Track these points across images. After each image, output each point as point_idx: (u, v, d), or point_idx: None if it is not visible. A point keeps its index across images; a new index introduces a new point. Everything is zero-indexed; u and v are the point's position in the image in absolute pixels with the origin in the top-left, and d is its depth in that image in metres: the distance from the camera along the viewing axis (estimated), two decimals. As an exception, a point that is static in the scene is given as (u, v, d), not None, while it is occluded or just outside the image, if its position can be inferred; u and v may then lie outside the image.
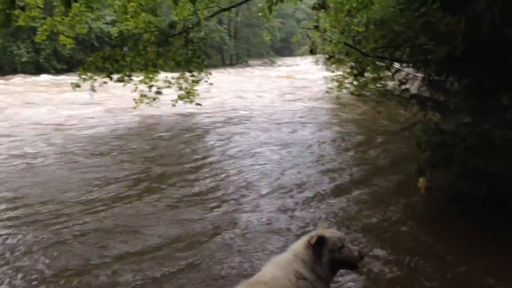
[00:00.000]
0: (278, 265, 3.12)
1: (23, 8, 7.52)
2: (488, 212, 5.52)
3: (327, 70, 11.69)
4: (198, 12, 11.10)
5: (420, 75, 6.36)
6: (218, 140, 11.23)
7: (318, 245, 3.02)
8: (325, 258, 3.03)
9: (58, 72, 38.56)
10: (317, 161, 8.99)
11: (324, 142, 10.64)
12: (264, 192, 7.15)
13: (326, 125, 13.03)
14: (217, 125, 13.49)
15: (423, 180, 6.37)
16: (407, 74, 6.27)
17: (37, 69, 38.87)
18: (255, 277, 3.15)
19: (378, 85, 17.59)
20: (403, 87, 6.28)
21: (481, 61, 4.85)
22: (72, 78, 12.65)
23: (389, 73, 11.04)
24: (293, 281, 3.00)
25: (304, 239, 3.14)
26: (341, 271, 3.39)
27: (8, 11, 7.13)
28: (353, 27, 12.11)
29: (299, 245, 3.16)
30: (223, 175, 8.13)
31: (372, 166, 8.44)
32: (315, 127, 12.63)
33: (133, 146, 10.67)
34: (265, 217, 6.05)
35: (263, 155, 9.54)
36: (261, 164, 8.81)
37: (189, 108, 14.89)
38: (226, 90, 23.00)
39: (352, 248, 3.10)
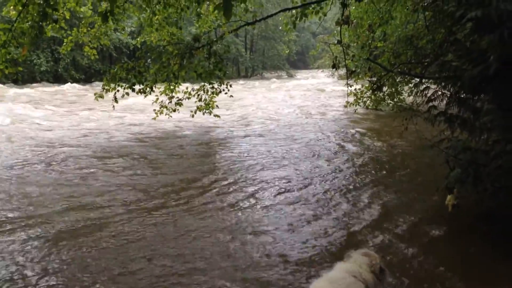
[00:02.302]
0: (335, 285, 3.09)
1: (56, 21, 7.67)
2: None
3: (346, 84, 11.70)
4: (221, 25, 11.27)
5: (447, 92, 6.33)
6: (243, 152, 11.27)
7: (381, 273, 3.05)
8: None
9: (76, 81, 39.18)
10: (340, 175, 8.97)
11: (346, 157, 10.63)
12: (285, 204, 7.17)
13: (350, 139, 13.02)
14: (238, 136, 13.55)
15: (451, 198, 6.35)
16: (435, 91, 6.23)
17: (55, 78, 39.52)
18: None
19: (396, 100, 17.67)
20: (430, 103, 6.24)
21: (514, 80, 4.84)
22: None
23: (412, 89, 11.04)
24: None
25: (361, 261, 3.14)
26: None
27: (40, 23, 7.30)
28: (371, 41, 12.20)
29: (357, 267, 3.15)
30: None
31: (398, 182, 8.42)
32: (338, 141, 12.64)
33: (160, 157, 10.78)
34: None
35: (286, 166, 9.57)
36: (284, 175, 8.84)
37: (208, 119, 15.07)
38: (246, 102, 23.26)
39: None
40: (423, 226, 6.15)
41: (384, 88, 15.81)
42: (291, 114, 18.78)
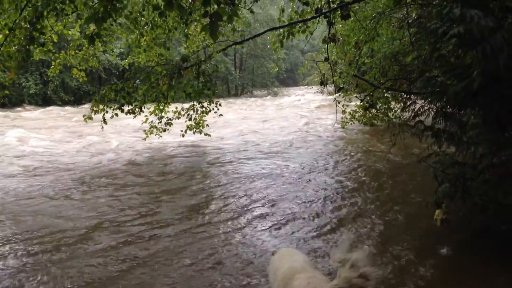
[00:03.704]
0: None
1: (43, 44, 7.67)
2: (508, 246, 5.48)
3: (334, 100, 11.79)
4: (210, 45, 11.37)
5: (433, 107, 6.39)
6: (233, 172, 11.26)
7: None
8: None
9: (65, 103, 39.12)
10: (328, 191, 8.98)
11: (336, 173, 10.66)
12: (273, 223, 7.16)
13: (339, 155, 13.07)
14: (230, 156, 13.54)
15: (440, 213, 6.36)
16: (422, 106, 6.29)
17: (44, 101, 39.37)
18: None
19: (389, 116, 17.83)
20: (417, 118, 6.29)
21: (498, 94, 4.90)
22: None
23: (399, 104, 11.14)
24: None
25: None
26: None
27: (27, 47, 7.30)
28: (358, 58, 12.35)
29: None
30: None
31: (387, 198, 8.42)
32: (327, 158, 12.67)
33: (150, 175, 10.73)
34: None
35: (276, 186, 9.57)
36: (273, 195, 8.84)
37: (199, 138, 15.08)
38: (236, 120, 23.37)
39: None
40: (414, 241, 6.14)
41: (378, 105, 15.95)
42: (282, 132, 18.81)
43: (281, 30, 10.24)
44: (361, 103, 12.90)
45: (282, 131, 19.34)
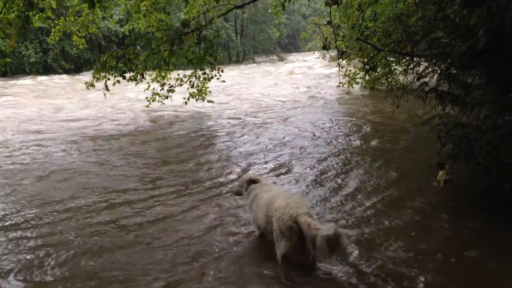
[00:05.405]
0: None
1: (42, 10, 7.57)
2: (509, 204, 5.53)
3: (338, 65, 11.67)
4: (210, 10, 11.19)
5: (437, 68, 6.35)
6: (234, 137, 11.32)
7: None
8: None
9: (66, 71, 38.96)
10: (336, 154, 9.04)
11: (342, 136, 10.72)
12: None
13: (344, 119, 13.11)
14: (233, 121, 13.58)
15: (443, 173, 6.41)
16: (426, 68, 6.25)
17: (45, 69, 39.17)
18: None
19: (390, 79, 17.68)
20: (421, 80, 6.27)
21: (503, 54, 4.86)
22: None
23: (401, 68, 11.05)
24: None
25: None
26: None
27: (26, 13, 7.21)
28: (362, 21, 12.14)
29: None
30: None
31: (390, 159, 8.47)
32: (333, 121, 12.71)
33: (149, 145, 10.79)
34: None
35: (281, 149, 9.65)
36: (279, 157, 8.93)
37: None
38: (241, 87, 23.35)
39: None
40: (417, 201, 6.17)
41: (378, 69, 15.80)
42: (284, 98, 18.75)
43: (283, -8, 10.04)
44: (362, 66, 12.77)
45: (286, 95, 19.32)
